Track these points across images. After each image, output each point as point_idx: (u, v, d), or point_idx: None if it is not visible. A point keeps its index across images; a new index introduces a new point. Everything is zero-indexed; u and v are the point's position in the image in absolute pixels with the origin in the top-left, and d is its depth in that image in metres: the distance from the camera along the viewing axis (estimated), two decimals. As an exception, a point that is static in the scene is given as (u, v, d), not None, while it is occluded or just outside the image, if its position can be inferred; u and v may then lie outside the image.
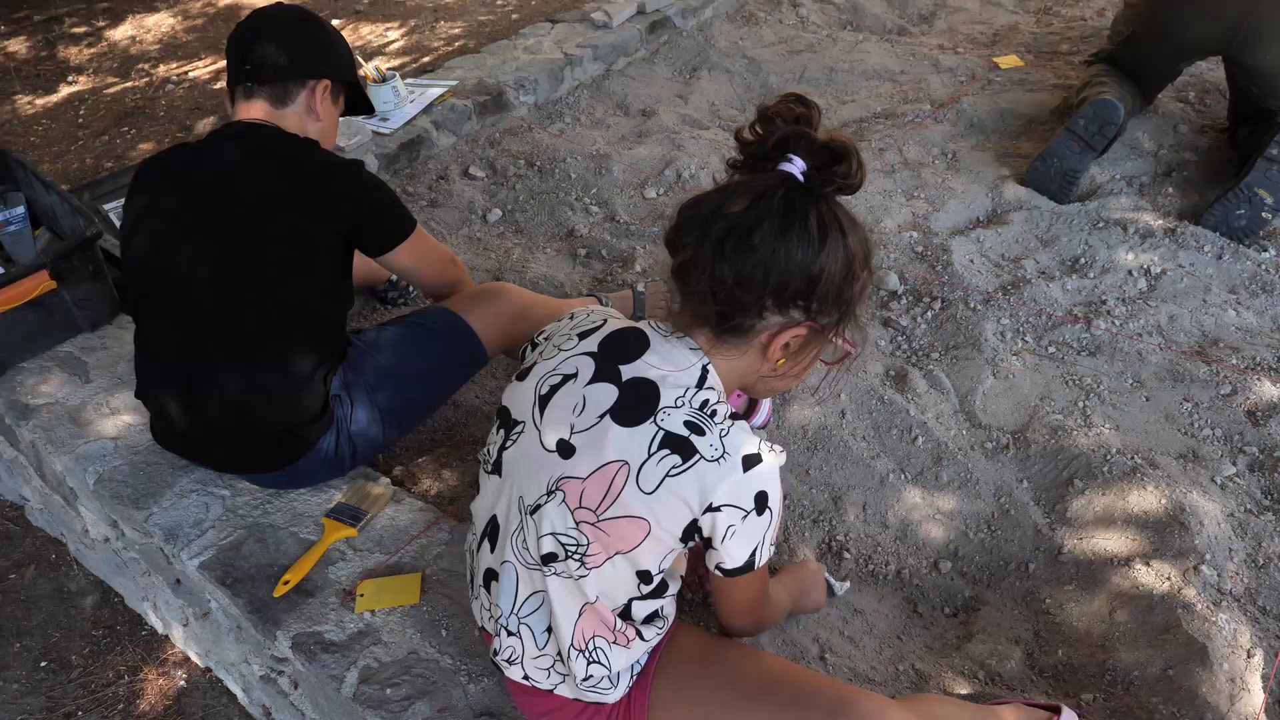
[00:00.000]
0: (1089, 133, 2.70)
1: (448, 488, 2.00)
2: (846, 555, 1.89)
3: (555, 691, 1.34)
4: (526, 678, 1.34)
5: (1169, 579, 1.75)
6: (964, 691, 1.63)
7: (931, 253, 2.58)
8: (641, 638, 1.32)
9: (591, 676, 1.29)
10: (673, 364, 1.23)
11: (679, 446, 1.18)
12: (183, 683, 2.08)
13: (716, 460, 1.17)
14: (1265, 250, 2.54)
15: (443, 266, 2.00)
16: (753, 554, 1.24)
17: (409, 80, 3.37)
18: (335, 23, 5.26)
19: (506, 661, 1.34)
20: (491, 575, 1.33)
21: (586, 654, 1.28)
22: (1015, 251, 2.62)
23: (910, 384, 2.19)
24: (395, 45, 4.88)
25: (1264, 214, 2.55)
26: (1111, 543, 1.85)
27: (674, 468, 1.17)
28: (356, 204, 1.78)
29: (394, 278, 2.46)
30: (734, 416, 1.22)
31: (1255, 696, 1.57)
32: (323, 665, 1.57)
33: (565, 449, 1.22)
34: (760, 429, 2.05)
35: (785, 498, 1.95)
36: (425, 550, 1.76)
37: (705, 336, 1.25)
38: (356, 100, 2.01)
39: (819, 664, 1.64)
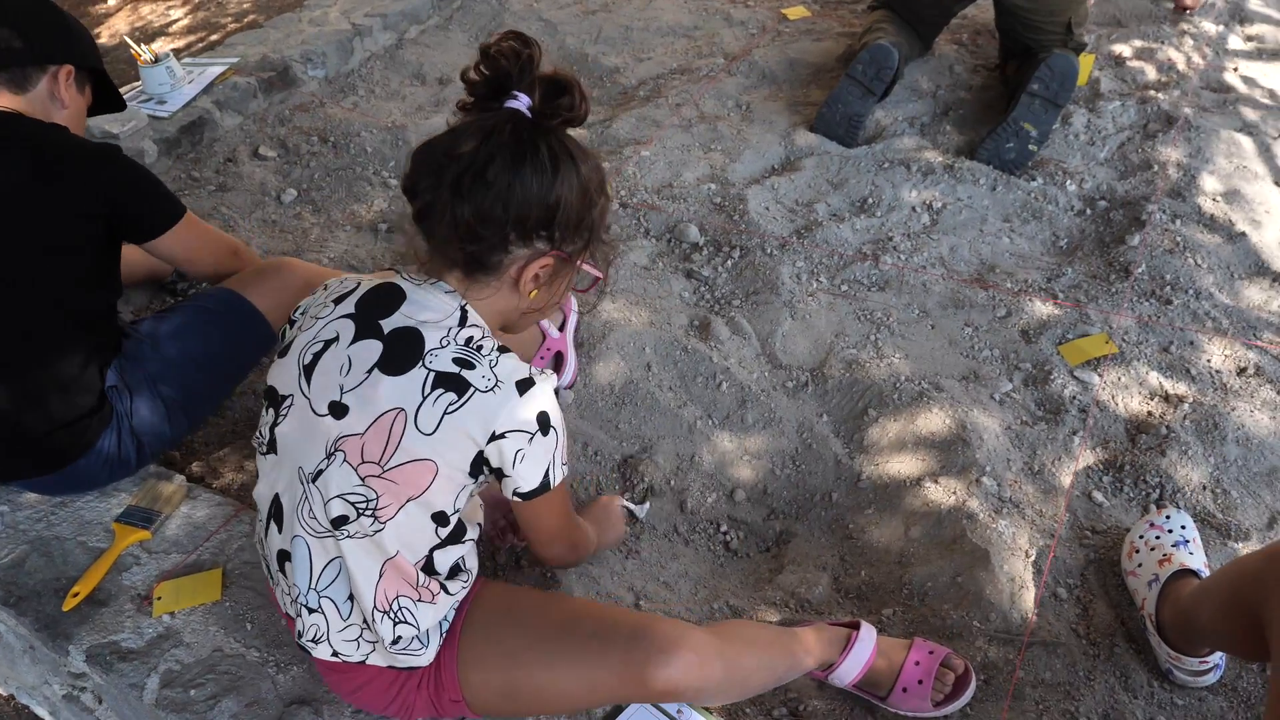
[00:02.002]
0: (868, 77, 2.80)
1: (251, 479, 1.94)
2: (684, 510, 1.93)
3: (367, 662, 1.33)
4: (335, 654, 1.32)
5: (955, 493, 1.86)
6: (774, 619, 1.70)
7: (729, 203, 2.64)
8: (447, 592, 1.33)
9: (401, 638, 1.29)
10: (432, 310, 1.26)
11: (452, 383, 1.21)
12: (-16, 714, 1.96)
13: (491, 390, 1.22)
14: (1034, 180, 2.70)
15: (220, 257, 1.92)
16: (546, 473, 1.28)
17: (188, 60, 3.20)
18: (113, 2, 4.95)
19: (312, 641, 1.32)
20: (284, 556, 1.31)
21: (392, 615, 1.27)
22: (808, 196, 2.71)
23: (713, 332, 2.24)
24: (180, 25, 4.64)
25: (1030, 146, 2.71)
26: (904, 465, 1.95)
27: (451, 404, 1.20)
28: (113, 188, 1.69)
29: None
30: (502, 349, 1.26)
31: (1031, 592, 1.70)
32: (121, 675, 1.51)
33: (338, 409, 1.23)
34: (568, 389, 2.07)
35: (595, 453, 1.98)
36: (225, 545, 1.71)
37: (457, 278, 1.29)
38: (105, 96, 1.91)
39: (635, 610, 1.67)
